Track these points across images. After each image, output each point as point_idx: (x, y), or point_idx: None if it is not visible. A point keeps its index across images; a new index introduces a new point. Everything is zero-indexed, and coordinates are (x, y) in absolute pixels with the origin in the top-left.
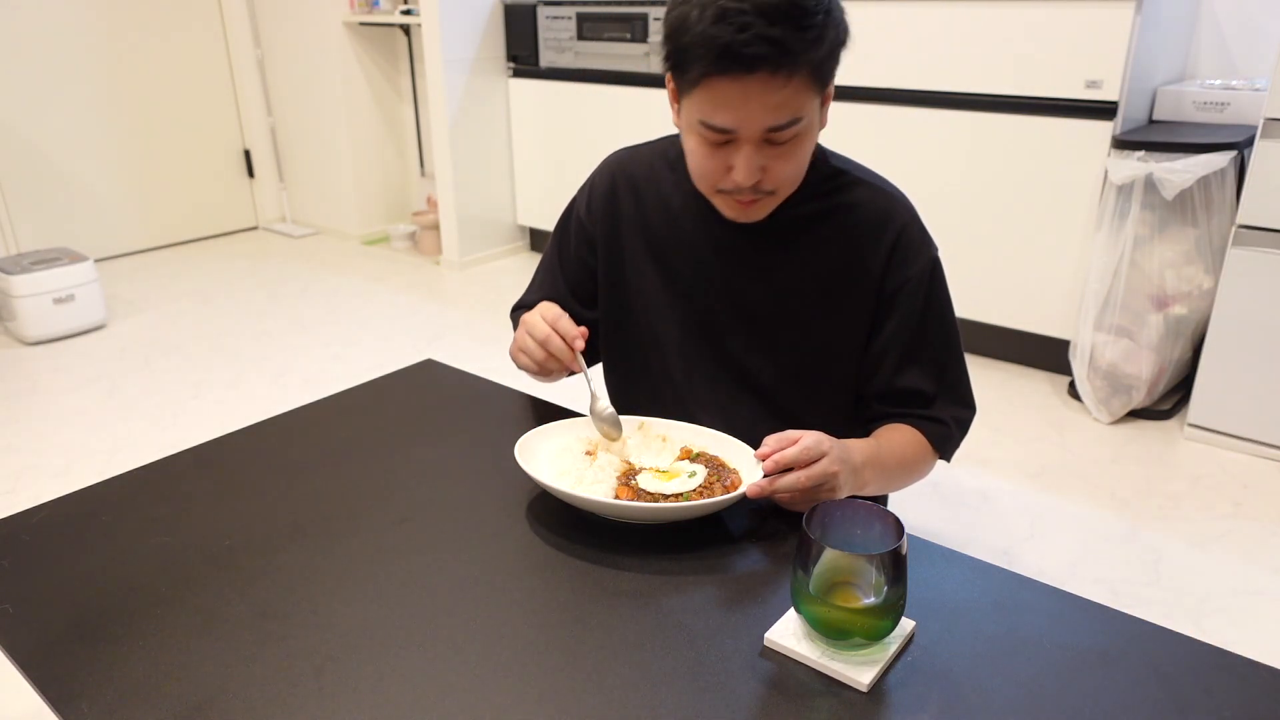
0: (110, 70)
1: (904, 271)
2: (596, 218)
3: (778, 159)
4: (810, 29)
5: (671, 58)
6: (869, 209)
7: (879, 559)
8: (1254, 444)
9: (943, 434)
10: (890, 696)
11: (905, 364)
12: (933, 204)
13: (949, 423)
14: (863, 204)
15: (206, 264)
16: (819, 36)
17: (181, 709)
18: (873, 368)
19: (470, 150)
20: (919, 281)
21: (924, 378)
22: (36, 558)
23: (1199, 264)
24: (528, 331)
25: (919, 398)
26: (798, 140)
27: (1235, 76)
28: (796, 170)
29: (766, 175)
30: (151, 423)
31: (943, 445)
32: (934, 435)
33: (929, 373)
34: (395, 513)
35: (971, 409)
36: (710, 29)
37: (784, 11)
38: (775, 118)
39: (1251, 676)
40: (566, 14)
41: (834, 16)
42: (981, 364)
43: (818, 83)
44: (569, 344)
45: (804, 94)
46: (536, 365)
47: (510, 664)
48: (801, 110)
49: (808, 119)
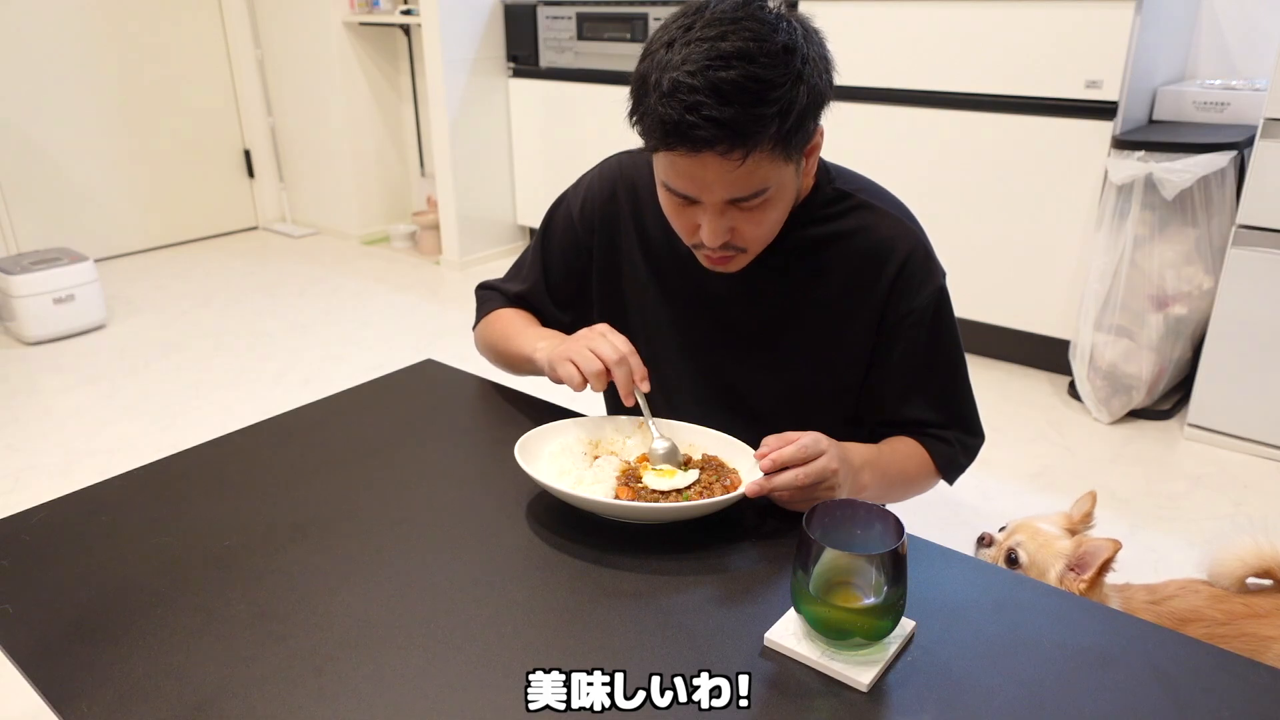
0: (110, 70)
1: (908, 302)
2: (593, 225)
3: (745, 221)
4: (770, 104)
5: (632, 115)
6: (873, 235)
7: (879, 559)
8: (1254, 444)
9: (948, 454)
10: (890, 696)
11: (910, 394)
12: (933, 204)
13: (955, 444)
14: (867, 229)
15: (206, 264)
16: (783, 110)
17: (181, 709)
18: (877, 397)
19: (470, 150)
20: (923, 312)
21: (929, 408)
22: (36, 558)
23: (1199, 264)
24: (590, 348)
25: (925, 426)
26: (766, 205)
27: (1235, 76)
28: (768, 230)
29: (735, 235)
30: (151, 423)
31: (947, 466)
32: (938, 454)
33: (934, 403)
34: (395, 513)
35: (979, 437)
36: (659, 104)
37: (740, 87)
38: (733, 192)
39: (1251, 676)
40: (566, 14)
41: (807, 80)
42: (981, 364)
43: (784, 154)
44: (636, 382)
45: (766, 166)
46: (582, 378)
47: (510, 664)
48: (766, 182)
49: (775, 186)
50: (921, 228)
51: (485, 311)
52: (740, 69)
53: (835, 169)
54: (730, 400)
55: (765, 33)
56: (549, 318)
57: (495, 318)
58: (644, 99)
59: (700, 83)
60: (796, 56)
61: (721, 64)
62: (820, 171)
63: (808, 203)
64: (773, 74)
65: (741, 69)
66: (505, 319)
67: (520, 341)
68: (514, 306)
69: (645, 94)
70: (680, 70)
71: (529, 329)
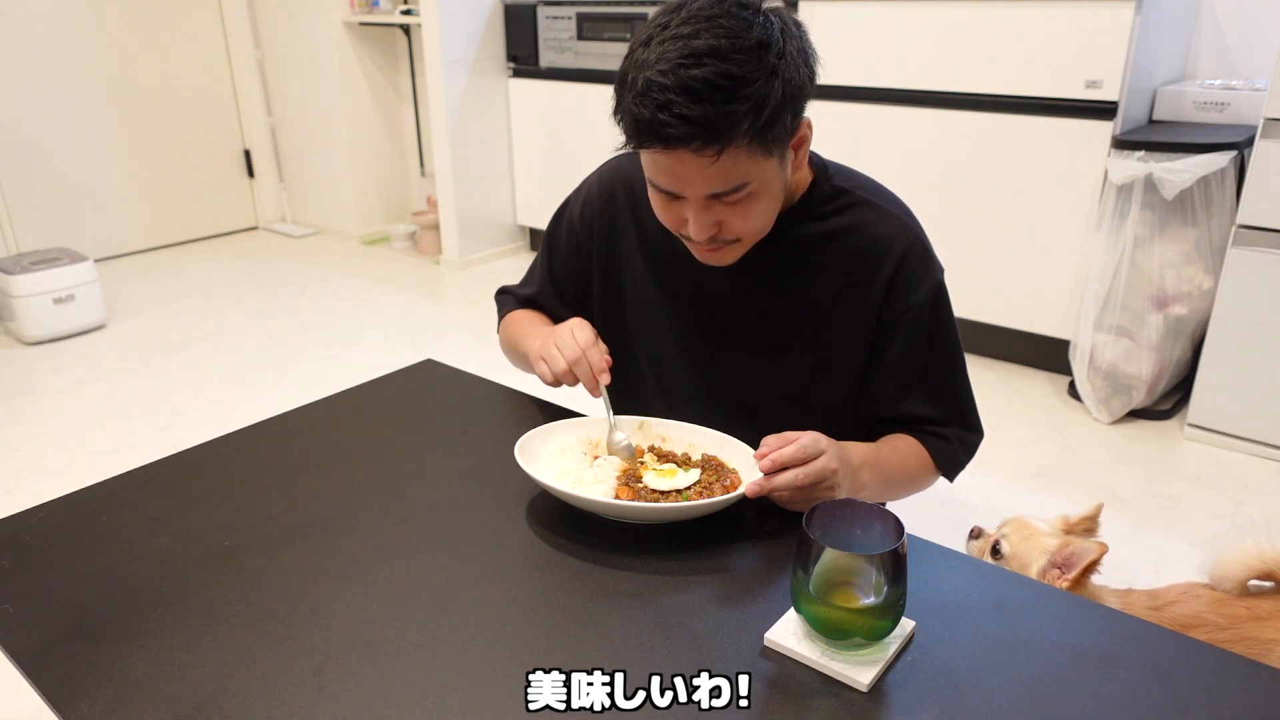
0: (110, 70)
1: (906, 299)
2: (592, 227)
3: (731, 215)
4: (742, 100)
5: (614, 113)
6: (871, 232)
7: (879, 559)
8: (1254, 444)
9: (947, 451)
10: (890, 696)
11: (909, 391)
12: (932, 204)
13: (954, 441)
14: (865, 226)
15: (206, 264)
16: (757, 105)
17: (181, 709)
18: (875, 393)
19: (470, 150)
20: (922, 308)
21: (928, 404)
22: (36, 558)
23: (1199, 264)
24: (556, 344)
25: (924, 422)
26: (750, 199)
27: (1235, 76)
28: (756, 222)
29: (723, 228)
30: (151, 423)
31: (946, 463)
32: (938, 451)
33: (933, 399)
34: (395, 513)
35: (978, 433)
36: (634, 105)
37: (711, 85)
38: (713, 187)
39: (1251, 676)
40: (566, 14)
41: (782, 75)
42: (981, 364)
43: (762, 148)
44: (595, 374)
45: (745, 162)
46: (554, 377)
47: (510, 664)
48: (746, 176)
49: (757, 180)
50: (920, 224)
51: (502, 314)
52: (711, 66)
53: (834, 166)
54: (729, 397)
55: (739, 29)
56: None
57: (510, 320)
58: (622, 98)
59: (671, 81)
60: (771, 51)
61: (693, 62)
62: (818, 169)
63: (806, 199)
64: (745, 70)
65: (713, 66)
66: (518, 320)
67: (525, 342)
68: (526, 308)
69: (623, 93)
70: (654, 69)
71: (534, 329)
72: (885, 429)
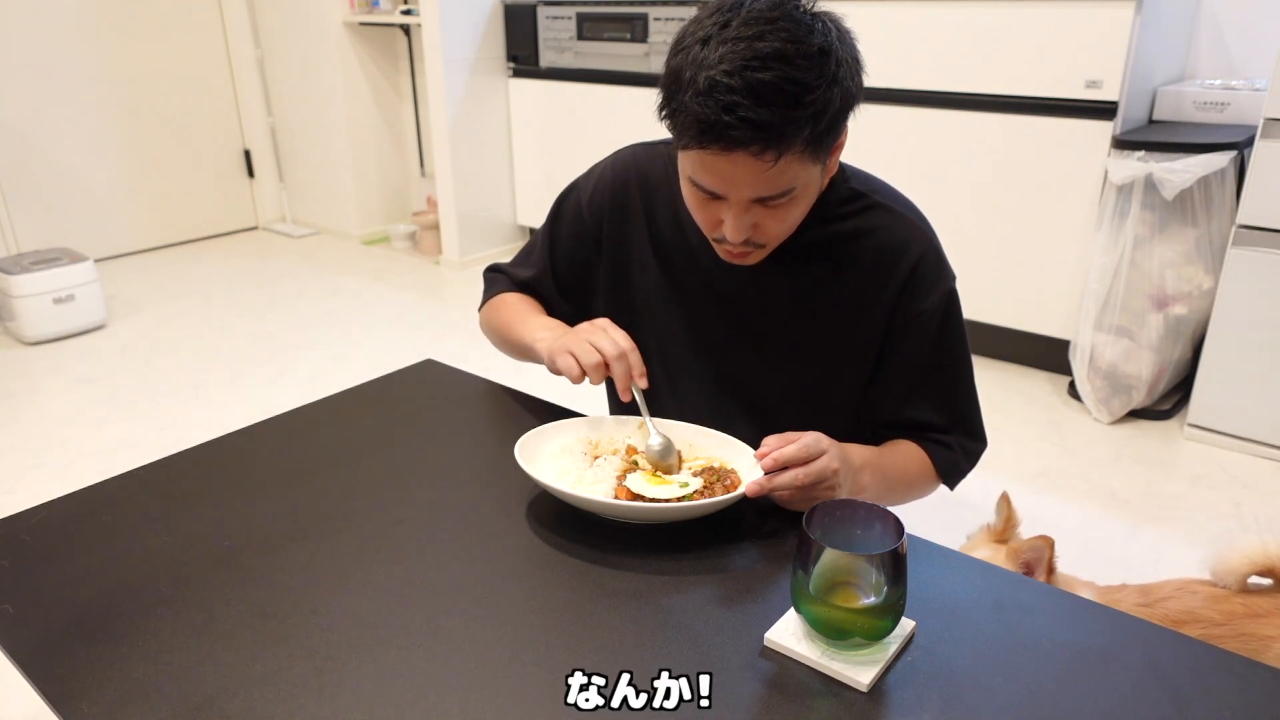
0: (110, 70)
1: (918, 304)
2: (601, 216)
3: (769, 218)
4: (805, 107)
5: (663, 109)
6: (885, 236)
7: (879, 559)
8: (1254, 444)
9: (949, 459)
10: (890, 696)
11: (914, 396)
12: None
13: (957, 449)
14: (879, 230)
15: (206, 264)
16: (817, 112)
17: (181, 709)
18: (881, 397)
19: (470, 150)
20: (932, 314)
21: (933, 410)
22: (36, 558)
23: (1199, 264)
24: (590, 340)
25: (927, 428)
26: (791, 203)
27: (1235, 76)
28: (789, 227)
29: (757, 230)
30: (151, 423)
31: (948, 471)
32: (940, 458)
33: (938, 405)
34: (395, 513)
35: (982, 442)
36: (696, 103)
37: (777, 89)
38: (762, 191)
39: (1251, 676)
40: (566, 14)
41: (841, 83)
42: (981, 364)
43: (814, 155)
44: (634, 378)
45: (796, 167)
46: (582, 371)
47: (510, 664)
48: (794, 181)
49: (801, 186)
50: (934, 230)
51: (492, 294)
52: (777, 70)
53: (850, 169)
54: (737, 396)
55: (801, 34)
56: (553, 307)
57: (501, 302)
58: (677, 95)
59: (737, 83)
60: (831, 59)
61: (759, 65)
62: (837, 170)
63: (823, 201)
64: (808, 76)
65: (778, 70)
66: (510, 304)
67: (523, 329)
68: (520, 292)
69: (679, 90)
70: (717, 69)
71: (533, 317)
72: (889, 433)
